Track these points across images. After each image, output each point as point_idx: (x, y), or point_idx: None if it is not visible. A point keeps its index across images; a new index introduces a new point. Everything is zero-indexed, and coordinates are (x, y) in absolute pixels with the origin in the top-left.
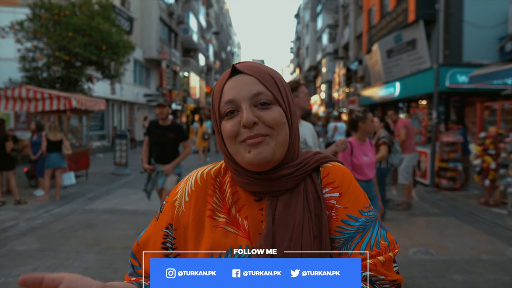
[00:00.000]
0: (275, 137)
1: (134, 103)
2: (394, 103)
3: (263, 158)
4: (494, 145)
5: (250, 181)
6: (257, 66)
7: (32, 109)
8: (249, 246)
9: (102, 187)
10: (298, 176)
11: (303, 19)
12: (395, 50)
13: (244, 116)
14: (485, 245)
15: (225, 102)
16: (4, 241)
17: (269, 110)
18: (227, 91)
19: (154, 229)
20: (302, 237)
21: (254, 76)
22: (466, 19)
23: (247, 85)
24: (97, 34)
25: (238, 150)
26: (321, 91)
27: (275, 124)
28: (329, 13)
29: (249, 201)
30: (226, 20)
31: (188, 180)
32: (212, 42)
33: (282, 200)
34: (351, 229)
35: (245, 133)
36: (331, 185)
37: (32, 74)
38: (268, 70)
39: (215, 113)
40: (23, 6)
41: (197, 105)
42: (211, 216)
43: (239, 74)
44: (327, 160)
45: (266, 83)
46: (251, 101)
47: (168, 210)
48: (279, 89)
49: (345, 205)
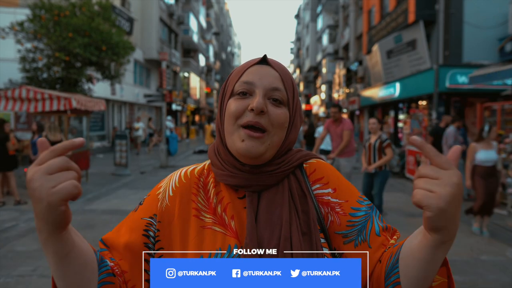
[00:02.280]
0: (271, 137)
1: (134, 103)
2: (394, 104)
3: (253, 152)
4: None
5: (232, 173)
6: (284, 67)
7: (32, 110)
8: (238, 245)
9: (102, 188)
10: (280, 173)
11: (303, 19)
12: (395, 51)
13: (256, 100)
14: (485, 246)
15: (243, 82)
16: (4, 241)
17: (278, 108)
18: (249, 73)
19: (131, 218)
20: (291, 235)
21: (278, 72)
22: (466, 19)
23: (270, 76)
24: (97, 34)
25: (233, 132)
26: (321, 92)
27: (278, 124)
28: (329, 14)
29: (233, 199)
30: (226, 20)
31: (172, 177)
32: (212, 42)
33: (265, 197)
34: (360, 220)
35: (248, 116)
36: (320, 181)
37: (32, 74)
38: (291, 75)
39: (226, 90)
40: (23, 6)
41: (197, 105)
42: (197, 215)
43: (266, 65)
44: (310, 157)
45: (286, 83)
46: (266, 91)
47: (151, 202)
48: (293, 95)
49: (345, 199)
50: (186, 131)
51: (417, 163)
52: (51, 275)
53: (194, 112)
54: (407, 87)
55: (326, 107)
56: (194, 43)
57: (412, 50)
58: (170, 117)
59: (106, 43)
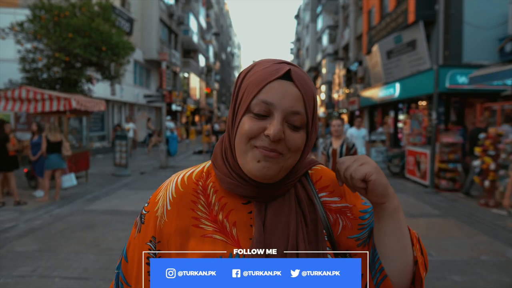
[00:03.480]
0: (286, 160)
1: (134, 104)
2: (394, 104)
3: (268, 174)
4: (494, 146)
5: (240, 183)
6: (309, 82)
7: (32, 110)
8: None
9: (102, 188)
10: (288, 184)
11: (303, 20)
12: (395, 51)
13: (274, 129)
14: (485, 246)
15: (261, 100)
16: (4, 242)
17: (296, 133)
18: (270, 91)
19: (138, 243)
20: (297, 244)
21: (301, 92)
22: (466, 20)
23: (292, 98)
24: (97, 35)
25: (246, 152)
26: (321, 92)
27: (294, 149)
28: (329, 14)
29: (237, 205)
30: (226, 21)
31: (168, 187)
32: (212, 43)
33: (272, 206)
34: (369, 221)
35: (264, 141)
36: (327, 189)
37: (32, 75)
38: (314, 90)
39: (240, 102)
40: (23, 7)
41: (197, 106)
42: (196, 225)
43: (288, 81)
44: (314, 164)
45: (308, 105)
46: (286, 116)
47: (151, 221)
48: (313, 113)
49: (352, 203)
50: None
51: (417, 163)
52: (50, 275)
53: (194, 112)
54: (407, 88)
55: (326, 108)
56: (194, 43)
57: (412, 51)
58: (169, 117)
59: (106, 44)
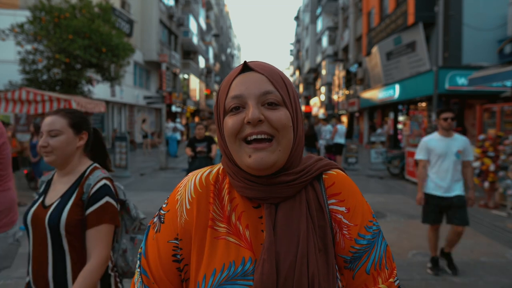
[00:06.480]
0: (280, 141)
1: (134, 105)
2: (394, 105)
3: (264, 164)
4: (494, 147)
5: (248, 185)
6: (269, 66)
7: (32, 111)
8: (252, 258)
9: None
10: (298, 184)
11: (303, 21)
12: (395, 53)
13: (250, 112)
14: (484, 248)
15: (231, 97)
16: None
17: (276, 111)
18: (235, 86)
19: (158, 241)
20: (308, 250)
21: (264, 75)
22: (466, 21)
23: (257, 83)
24: (97, 36)
25: (238, 150)
26: (321, 93)
27: (281, 126)
28: (328, 16)
29: (248, 207)
30: (226, 22)
31: (187, 186)
32: (212, 44)
33: (282, 209)
34: (360, 249)
35: (248, 129)
36: (337, 197)
37: (32, 76)
38: (278, 71)
39: (219, 109)
40: (23, 8)
41: (197, 107)
42: (211, 226)
43: (249, 71)
44: (330, 167)
45: (276, 83)
46: (259, 99)
47: (172, 220)
48: (288, 92)
49: (355, 222)
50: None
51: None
52: None
53: (194, 113)
54: (406, 89)
55: (326, 109)
56: (193, 45)
57: (411, 52)
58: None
59: (106, 45)
